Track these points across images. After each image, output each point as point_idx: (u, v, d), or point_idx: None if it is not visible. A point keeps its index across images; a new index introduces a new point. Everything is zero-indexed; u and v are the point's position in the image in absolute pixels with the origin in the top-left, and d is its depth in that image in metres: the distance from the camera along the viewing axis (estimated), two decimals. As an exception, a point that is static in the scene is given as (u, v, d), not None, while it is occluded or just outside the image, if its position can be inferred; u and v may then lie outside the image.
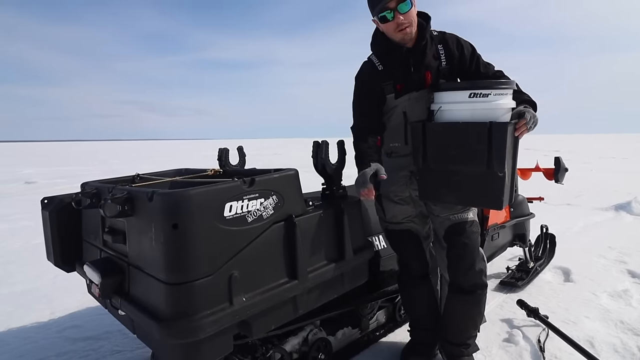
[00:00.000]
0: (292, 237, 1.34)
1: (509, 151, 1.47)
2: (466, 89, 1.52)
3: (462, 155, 1.51)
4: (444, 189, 1.63)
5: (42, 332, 2.42)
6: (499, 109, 1.51)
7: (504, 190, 1.48)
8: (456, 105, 1.54)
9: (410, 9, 1.58)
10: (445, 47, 1.71)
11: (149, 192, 1.17)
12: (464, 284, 1.74)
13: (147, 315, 1.16)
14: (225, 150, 2.25)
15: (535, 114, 1.53)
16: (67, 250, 1.79)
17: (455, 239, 1.74)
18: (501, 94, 1.51)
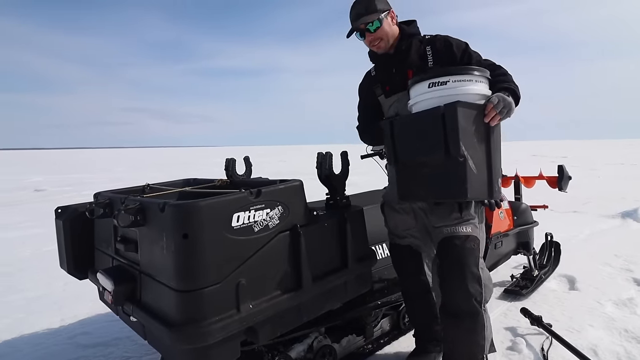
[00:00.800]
0: (297, 246, 1.39)
1: (471, 135, 1.38)
2: (424, 80, 1.50)
3: (424, 145, 1.46)
4: (416, 185, 1.56)
5: (53, 338, 2.47)
6: (463, 95, 1.43)
7: (466, 176, 1.36)
8: (421, 97, 1.53)
9: (380, 26, 1.73)
10: (433, 47, 1.76)
11: (161, 203, 1.22)
12: (452, 307, 1.60)
13: (158, 321, 1.21)
14: (232, 160, 2.31)
15: (506, 98, 1.42)
16: (80, 258, 1.85)
17: (445, 255, 1.64)
18: (462, 80, 1.45)
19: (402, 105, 1.78)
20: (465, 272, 1.56)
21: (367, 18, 1.71)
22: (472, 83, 1.46)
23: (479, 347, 1.62)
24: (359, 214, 1.75)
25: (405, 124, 1.54)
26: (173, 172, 17.15)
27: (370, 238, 1.89)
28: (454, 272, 1.59)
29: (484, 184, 1.44)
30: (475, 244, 1.63)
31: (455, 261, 1.59)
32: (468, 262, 1.58)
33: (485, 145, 1.44)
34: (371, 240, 1.94)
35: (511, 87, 1.52)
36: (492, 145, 1.45)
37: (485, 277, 1.63)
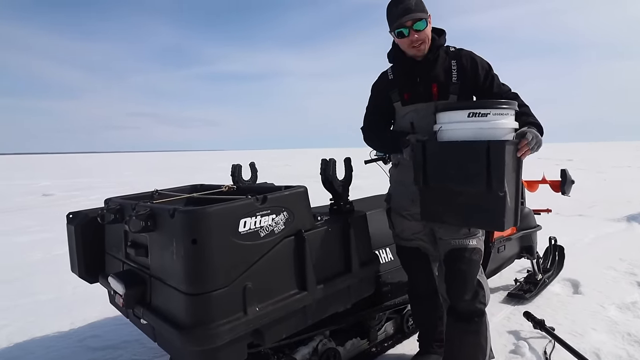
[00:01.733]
0: (302, 251, 1.43)
1: (510, 171, 1.44)
2: (464, 109, 1.53)
3: (461, 175, 1.49)
4: (444, 210, 1.60)
5: (63, 341, 2.53)
6: (499, 129, 1.50)
7: (505, 210, 1.44)
8: (455, 125, 1.55)
9: (425, 27, 1.68)
10: (459, 62, 1.75)
11: (171, 209, 1.27)
12: (460, 310, 1.72)
13: (168, 324, 1.25)
14: (238, 167, 2.36)
15: (538, 135, 1.50)
16: (91, 263, 1.90)
17: (452, 265, 1.73)
18: (501, 114, 1.51)
19: (419, 117, 1.78)
20: (472, 281, 1.70)
21: (417, 15, 1.64)
22: (507, 117, 1.52)
23: (481, 348, 1.73)
24: (362, 219, 1.79)
25: (442, 150, 1.56)
26: (178, 176, 17.28)
27: (374, 242, 1.93)
28: (461, 281, 1.70)
29: (513, 214, 1.51)
30: (479, 255, 1.75)
31: (463, 272, 1.70)
32: (473, 272, 1.71)
33: (516, 179, 1.50)
34: (374, 245, 1.97)
35: (537, 121, 1.61)
36: (519, 177, 1.52)
37: (485, 281, 1.76)
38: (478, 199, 1.48)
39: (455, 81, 1.73)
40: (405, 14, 1.64)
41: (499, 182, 1.41)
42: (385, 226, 2.08)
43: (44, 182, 15.46)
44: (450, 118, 1.58)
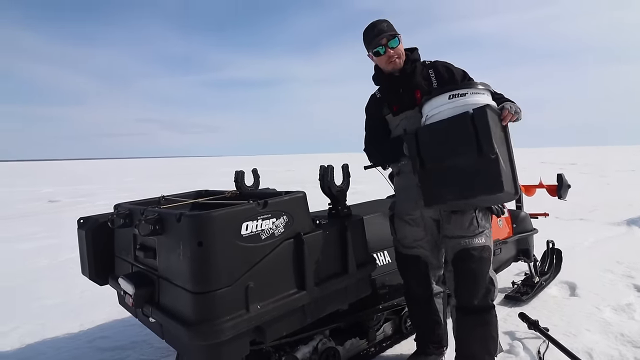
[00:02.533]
0: (301, 253, 1.51)
1: (497, 135, 1.55)
2: (444, 93, 1.68)
3: (453, 148, 1.59)
4: (444, 189, 1.66)
5: (73, 342, 2.62)
6: (479, 104, 1.60)
7: (500, 172, 1.50)
8: (439, 109, 1.68)
9: (398, 44, 1.90)
10: (436, 71, 1.93)
11: (177, 214, 1.36)
12: (470, 305, 1.80)
13: (175, 321, 1.34)
14: (241, 173, 2.45)
15: (516, 104, 1.66)
16: (101, 266, 1.99)
17: (463, 265, 1.81)
18: (478, 93, 1.66)
19: (410, 123, 1.92)
20: (483, 280, 1.79)
21: (390, 33, 1.87)
22: (483, 95, 1.67)
23: (493, 340, 1.83)
24: (359, 223, 1.87)
25: (432, 131, 1.69)
26: (181, 182, 17.42)
27: (371, 245, 2.01)
28: (472, 279, 1.79)
29: (511, 179, 1.56)
30: (489, 253, 1.82)
31: (474, 270, 1.78)
32: (484, 269, 1.80)
33: (506, 145, 1.60)
34: (372, 248, 2.05)
35: (512, 100, 1.74)
36: (509, 144, 1.61)
37: (495, 277, 1.85)
38: (473, 167, 1.55)
39: (436, 86, 1.90)
40: (379, 34, 1.87)
41: (489, 144, 1.50)
42: (382, 230, 2.16)
43: (49, 189, 15.65)
44: (433, 105, 1.72)
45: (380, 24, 1.89)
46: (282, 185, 12.75)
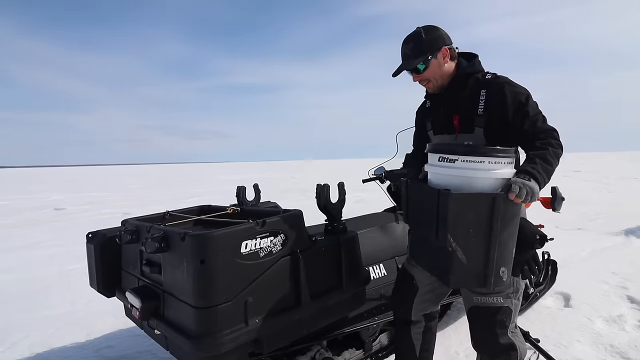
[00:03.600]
0: (297, 269, 1.61)
1: (464, 226, 1.29)
2: (435, 151, 1.45)
3: (425, 219, 1.41)
4: (419, 252, 1.59)
5: (80, 352, 2.72)
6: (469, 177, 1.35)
7: (451, 266, 1.32)
8: (430, 168, 1.49)
9: (426, 67, 1.66)
10: (488, 91, 1.62)
11: (182, 233, 1.46)
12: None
13: (179, 333, 1.44)
14: (243, 188, 2.56)
15: (526, 185, 1.29)
16: (108, 279, 2.09)
17: (475, 324, 1.65)
18: (473, 162, 1.34)
19: None
20: (496, 341, 1.57)
21: (412, 63, 1.65)
22: (483, 165, 1.34)
23: None
24: (354, 239, 1.97)
25: (414, 192, 1.53)
26: (186, 189, 17.59)
27: (366, 259, 2.10)
28: (483, 340, 1.63)
29: (476, 275, 1.35)
30: (506, 315, 1.58)
31: (485, 332, 1.61)
32: (498, 333, 1.57)
33: (485, 238, 1.31)
34: (367, 262, 2.14)
35: (537, 169, 1.38)
36: (494, 236, 1.31)
37: (518, 340, 1.62)
38: (437, 246, 1.38)
39: (481, 113, 1.62)
40: (403, 59, 1.69)
41: (443, 235, 1.30)
42: (377, 244, 2.25)
43: (55, 196, 15.84)
44: (430, 160, 1.51)
45: (405, 46, 1.67)
46: (284, 194, 12.80)
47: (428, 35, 1.65)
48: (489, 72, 1.69)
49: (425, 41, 1.64)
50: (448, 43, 1.68)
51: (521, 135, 1.56)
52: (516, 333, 1.64)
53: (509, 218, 1.32)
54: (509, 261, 1.38)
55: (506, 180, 1.35)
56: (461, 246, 1.31)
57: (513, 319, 1.61)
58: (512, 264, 1.39)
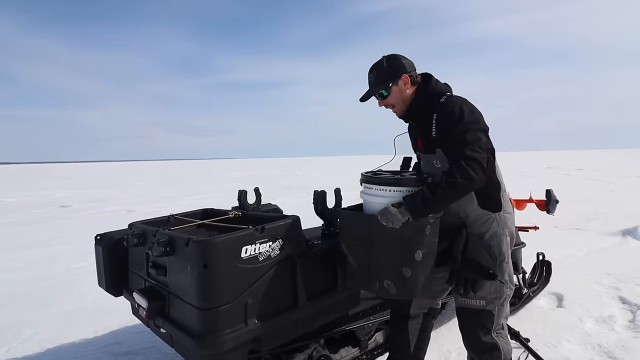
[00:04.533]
0: (294, 272, 1.71)
1: (351, 237, 1.69)
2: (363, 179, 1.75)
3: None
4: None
5: (88, 347, 2.83)
6: (372, 203, 1.68)
7: (345, 267, 1.75)
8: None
9: (389, 94, 1.77)
10: (438, 116, 1.71)
11: (186, 239, 1.56)
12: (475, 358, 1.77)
13: (183, 332, 1.54)
14: (244, 192, 2.66)
15: (389, 213, 1.51)
16: (116, 279, 2.20)
17: (459, 322, 1.82)
18: (370, 188, 1.68)
19: (426, 165, 1.88)
20: (479, 341, 1.72)
21: (376, 89, 1.77)
22: (374, 192, 1.66)
23: None
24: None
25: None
26: (189, 186, 17.74)
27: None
28: (469, 341, 1.78)
29: (361, 278, 1.70)
30: (487, 318, 1.72)
31: (468, 332, 1.78)
32: (480, 333, 1.72)
33: (366, 250, 1.63)
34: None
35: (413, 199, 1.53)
36: (375, 248, 1.61)
37: (502, 341, 1.74)
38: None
39: (435, 136, 1.72)
40: (369, 87, 1.81)
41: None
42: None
43: (60, 193, 16.04)
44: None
45: (370, 74, 1.80)
46: (286, 192, 12.87)
47: (389, 64, 1.76)
48: (446, 94, 1.75)
49: (387, 70, 1.76)
50: (409, 70, 1.77)
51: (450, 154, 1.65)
52: (501, 334, 1.75)
53: (383, 238, 1.58)
54: (393, 277, 1.59)
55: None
56: (351, 253, 1.70)
57: (497, 322, 1.73)
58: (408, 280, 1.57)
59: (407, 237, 1.54)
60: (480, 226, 1.75)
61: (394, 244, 1.57)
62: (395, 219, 1.50)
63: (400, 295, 1.60)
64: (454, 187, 1.49)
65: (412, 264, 1.56)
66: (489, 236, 1.73)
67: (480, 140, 1.58)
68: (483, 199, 1.74)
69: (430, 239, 1.61)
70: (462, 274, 1.70)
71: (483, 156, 1.54)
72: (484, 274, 1.68)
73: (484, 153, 1.55)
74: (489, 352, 1.71)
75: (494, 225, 1.74)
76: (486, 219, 1.75)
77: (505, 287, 1.74)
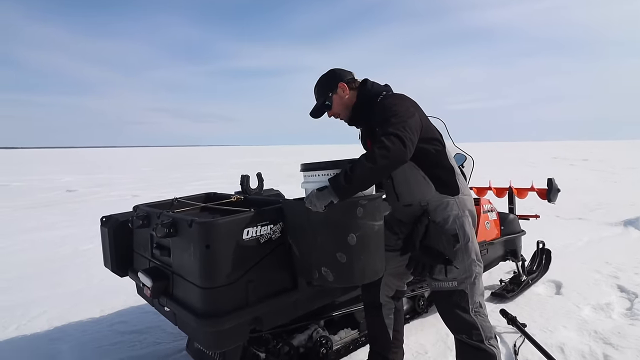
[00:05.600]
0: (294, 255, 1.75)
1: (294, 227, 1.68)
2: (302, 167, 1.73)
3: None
4: None
5: (95, 326, 2.92)
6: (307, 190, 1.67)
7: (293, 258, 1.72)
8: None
9: (330, 105, 1.88)
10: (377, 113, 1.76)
11: (189, 220, 1.60)
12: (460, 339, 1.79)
13: (187, 311, 1.59)
14: (247, 177, 2.69)
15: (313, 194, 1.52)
16: (121, 260, 2.25)
17: (437, 305, 1.87)
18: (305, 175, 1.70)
19: None
20: (458, 321, 1.76)
21: (319, 101, 1.90)
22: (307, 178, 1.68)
23: None
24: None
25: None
26: (195, 172, 17.84)
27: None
28: (447, 319, 1.82)
29: (306, 269, 1.68)
30: (460, 298, 1.76)
31: (446, 313, 1.82)
32: (456, 313, 1.76)
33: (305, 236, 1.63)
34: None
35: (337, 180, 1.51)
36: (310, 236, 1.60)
37: (480, 319, 1.75)
38: None
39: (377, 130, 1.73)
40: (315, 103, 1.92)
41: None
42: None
43: (66, 178, 16.20)
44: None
45: (314, 92, 1.93)
46: (288, 179, 12.90)
47: (326, 78, 1.90)
48: (382, 93, 1.82)
49: (324, 82, 1.89)
50: (345, 78, 1.87)
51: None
52: (479, 312, 1.78)
53: (316, 224, 1.57)
54: (329, 263, 1.56)
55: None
56: (294, 242, 1.70)
57: (472, 300, 1.76)
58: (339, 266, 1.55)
59: (337, 220, 1.53)
60: (442, 211, 1.79)
61: (326, 229, 1.56)
62: (317, 201, 1.50)
63: (338, 283, 1.57)
64: (373, 159, 1.47)
65: (345, 248, 1.53)
66: (452, 220, 1.78)
67: (405, 122, 1.58)
68: (439, 184, 1.80)
69: (366, 221, 1.55)
70: (421, 259, 1.74)
71: (405, 134, 1.53)
72: (440, 259, 1.71)
73: (407, 132, 1.54)
74: (467, 330, 1.74)
75: (454, 208, 1.79)
76: (446, 204, 1.80)
77: (474, 265, 1.79)
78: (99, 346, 2.61)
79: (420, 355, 2.41)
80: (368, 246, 1.57)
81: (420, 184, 1.80)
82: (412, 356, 2.39)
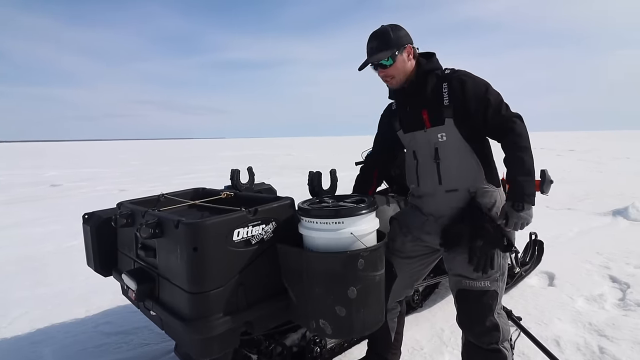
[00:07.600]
0: (287, 255, 1.67)
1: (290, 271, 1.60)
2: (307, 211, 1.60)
3: None
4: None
5: (80, 327, 2.81)
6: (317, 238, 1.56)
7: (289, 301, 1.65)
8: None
9: (393, 63, 1.70)
10: (449, 85, 1.67)
11: (175, 221, 1.50)
12: (474, 342, 1.68)
13: (174, 316, 1.50)
14: (237, 171, 2.59)
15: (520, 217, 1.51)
16: (105, 259, 2.14)
17: (461, 305, 1.71)
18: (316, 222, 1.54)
19: (418, 145, 1.79)
20: (482, 322, 1.63)
21: (379, 56, 1.69)
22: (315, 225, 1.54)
23: None
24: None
25: None
26: (183, 166, 17.57)
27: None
28: (470, 320, 1.68)
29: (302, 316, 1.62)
30: (494, 297, 1.65)
31: (470, 313, 1.67)
32: (485, 315, 1.64)
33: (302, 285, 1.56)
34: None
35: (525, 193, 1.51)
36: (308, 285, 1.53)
37: (502, 321, 1.68)
38: None
39: (448, 104, 1.67)
40: (370, 54, 1.72)
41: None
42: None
43: (51, 172, 15.79)
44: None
45: (373, 41, 1.72)
46: (280, 171, 12.83)
47: (395, 33, 1.71)
48: (447, 68, 1.76)
49: (393, 38, 1.70)
50: (412, 42, 1.75)
51: (486, 125, 1.65)
52: (501, 314, 1.71)
53: (315, 275, 1.50)
54: (328, 316, 1.50)
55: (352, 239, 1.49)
56: (289, 286, 1.63)
57: (499, 301, 1.68)
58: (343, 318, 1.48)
59: (337, 273, 1.46)
60: (488, 200, 1.69)
61: (325, 281, 1.49)
62: (529, 218, 1.53)
63: (337, 336, 1.53)
64: (528, 143, 1.60)
65: (345, 302, 1.46)
66: (495, 209, 1.68)
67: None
68: (488, 172, 1.72)
69: (367, 273, 1.48)
70: (484, 248, 1.60)
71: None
72: (501, 245, 1.62)
73: None
74: (490, 333, 1.63)
75: (498, 199, 1.71)
76: (491, 193, 1.71)
77: (505, 262, 1.71)
78: (83, 349, 2.51)
79: (416, 351, 2.38)
80: (369, 298, 1.52)
81: (472, 169, 1.70)
82: (408, 352, 2.35)
